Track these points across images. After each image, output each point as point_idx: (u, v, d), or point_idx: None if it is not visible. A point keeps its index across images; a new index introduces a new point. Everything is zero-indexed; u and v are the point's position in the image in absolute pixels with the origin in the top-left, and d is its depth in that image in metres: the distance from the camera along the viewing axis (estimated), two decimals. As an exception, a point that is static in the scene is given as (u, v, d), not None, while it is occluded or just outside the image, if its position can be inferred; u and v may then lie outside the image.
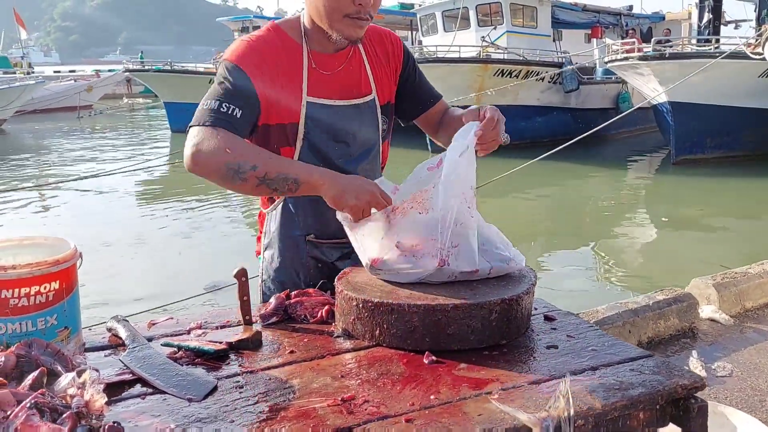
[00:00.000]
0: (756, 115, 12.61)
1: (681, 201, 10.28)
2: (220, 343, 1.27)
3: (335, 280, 1.43)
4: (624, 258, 7.32)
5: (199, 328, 1.40)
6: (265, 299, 1.66)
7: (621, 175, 13.12)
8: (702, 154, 13.21)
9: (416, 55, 17.91)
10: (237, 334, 1.33)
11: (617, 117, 9.77)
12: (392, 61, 1.69)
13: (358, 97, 1.62)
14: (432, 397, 1.07)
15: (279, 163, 1.43)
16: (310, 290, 1.56)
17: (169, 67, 21.54)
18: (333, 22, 1.48)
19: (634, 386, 1.10)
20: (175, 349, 1.25)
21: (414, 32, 23.05)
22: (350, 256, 1.63)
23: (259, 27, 2.06)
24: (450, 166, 1.35)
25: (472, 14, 17.82)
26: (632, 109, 12.72)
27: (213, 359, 1.23)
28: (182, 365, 1.19)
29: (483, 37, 16.25)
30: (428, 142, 9.84)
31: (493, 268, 1.39)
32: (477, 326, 1.24)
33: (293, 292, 1.53)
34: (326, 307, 1.45)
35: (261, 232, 1.75)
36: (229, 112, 1.44)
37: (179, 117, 19.02)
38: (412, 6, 22.94)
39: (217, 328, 1.41)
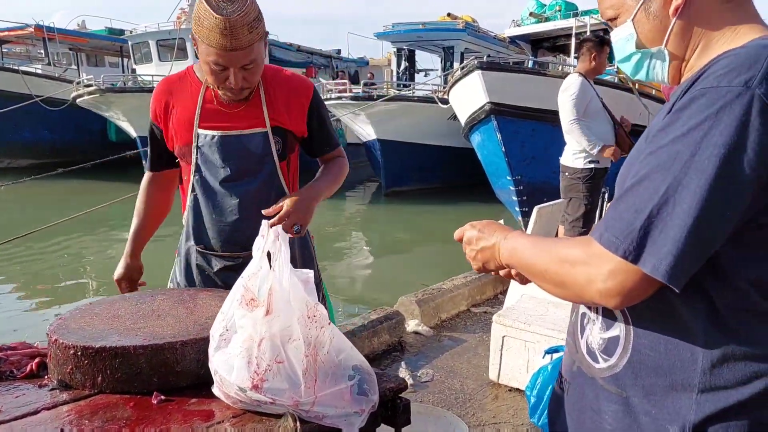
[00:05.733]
0: (448, 152, 14.68)
1: (392, 227, 11.44)
2: None
3: (47, 327, 1.33)
4: (343, 282, 7.85)
5: None
6: None
7: (340, 205, 14.08)
8: (408, 186, 14.89)
9: (130, 84, 17.01)
10: None
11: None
12: (295, 100, 1.93)
13: (247, 129, 1.87)
14: (163, 435, 1.07)
15: None
16: (16, 344, 1.42)
17: None
18: (215, 88, 1.84)
19: (351, 396, 1.24)
20: None
21: (125, 59, 21.82)
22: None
23: None
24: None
25: (189, 45, 17.52)
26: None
27: None
28: None
29: (202, 68, 16.09)
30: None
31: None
32: (206, 360, 1.27)
33: (-6, 347, 1.38)
34: (36, 360, 1.34)
35: None
36: (149, 154, 2.03)
37: None
38: (121, 32, 21.66)
39: None
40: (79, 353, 1.23)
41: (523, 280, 1.10)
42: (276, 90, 1.91)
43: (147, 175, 2.08)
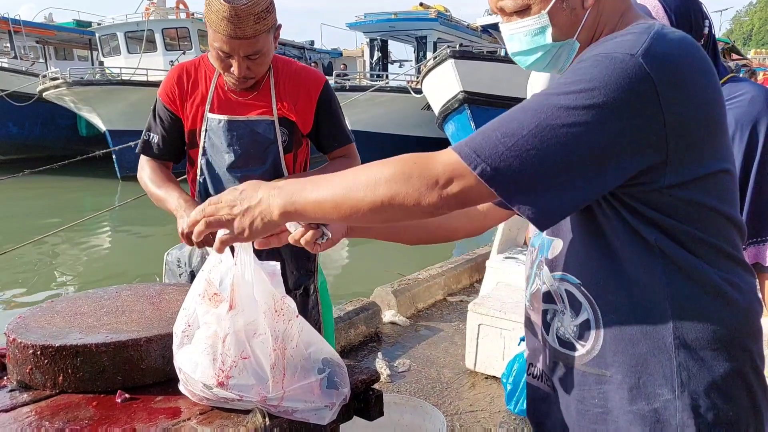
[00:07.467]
0: (422, 142, 14.70)
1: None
2: None
3: (5, 326, 1.28)
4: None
5: None
6: (171, 276, 2.04)
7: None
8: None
9: (98, 76, 16.69)
10: None
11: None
12: (303, 92, 1.93)
13: (255, 115, 1.89)
14: (127, 434, 1.04)
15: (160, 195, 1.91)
16: (-26, 344, 1.37)
17: None
18: (222, 74, 1.86)
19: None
20: None
21: (95, 52, 21.41)
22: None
23: None
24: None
25: (158, 37, 17.27)
26: None
27: None
28: None
29: (172, 61, 15.86)
30: None
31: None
32: (171, 356, 1.23)
33: (-49, 349, 1.33)
34: (-4, 360, 1.30)
35: None
36: (149, 139, 1.99)
37: None
38: (89, 24, 21.22)
39: None
40: (39, 352, 1.18)
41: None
42: (286, 81, 1.93)
43: (145, 160, 1.99)
